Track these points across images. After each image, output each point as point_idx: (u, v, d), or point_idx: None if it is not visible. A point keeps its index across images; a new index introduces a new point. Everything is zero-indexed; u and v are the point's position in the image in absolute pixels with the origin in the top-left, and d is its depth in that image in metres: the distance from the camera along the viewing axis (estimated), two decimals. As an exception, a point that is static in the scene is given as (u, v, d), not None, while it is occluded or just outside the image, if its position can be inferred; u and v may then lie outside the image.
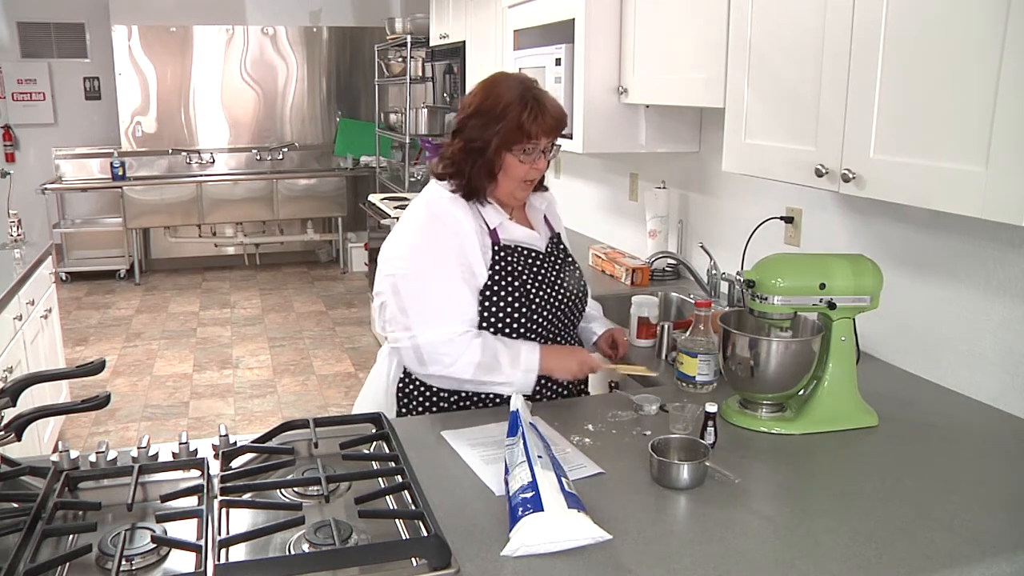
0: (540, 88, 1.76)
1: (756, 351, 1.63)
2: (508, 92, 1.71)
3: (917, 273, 1.98)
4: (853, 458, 1.55)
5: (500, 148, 1.71)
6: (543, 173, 1.82)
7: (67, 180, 7.00)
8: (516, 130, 1.69)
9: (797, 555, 1.20)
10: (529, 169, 1.74)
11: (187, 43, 7.12)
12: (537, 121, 1.69)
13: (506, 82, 1.75)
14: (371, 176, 7.21)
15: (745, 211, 2.61)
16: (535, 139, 1.71)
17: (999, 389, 1.78)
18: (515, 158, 1.72)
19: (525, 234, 1.83)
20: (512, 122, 1.69)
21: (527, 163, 1.73)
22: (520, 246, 1.81)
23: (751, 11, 1.95)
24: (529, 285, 1.78)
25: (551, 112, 1.72)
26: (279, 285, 6.93)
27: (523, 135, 1.70)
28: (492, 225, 1.77)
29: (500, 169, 1.74)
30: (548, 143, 1.75)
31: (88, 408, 1.38)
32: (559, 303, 1.84)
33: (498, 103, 1.71)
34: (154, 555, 1.17)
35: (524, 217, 1.89)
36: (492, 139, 1.70)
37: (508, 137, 1.70)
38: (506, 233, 1.79)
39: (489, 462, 1.48)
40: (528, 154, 1.73)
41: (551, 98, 1.75)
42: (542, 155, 1.75)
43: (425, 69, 6.02)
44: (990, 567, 1.19)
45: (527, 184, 1.78)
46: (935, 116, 1.47)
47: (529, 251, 1.82)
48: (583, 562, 1.17)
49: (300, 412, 4.27)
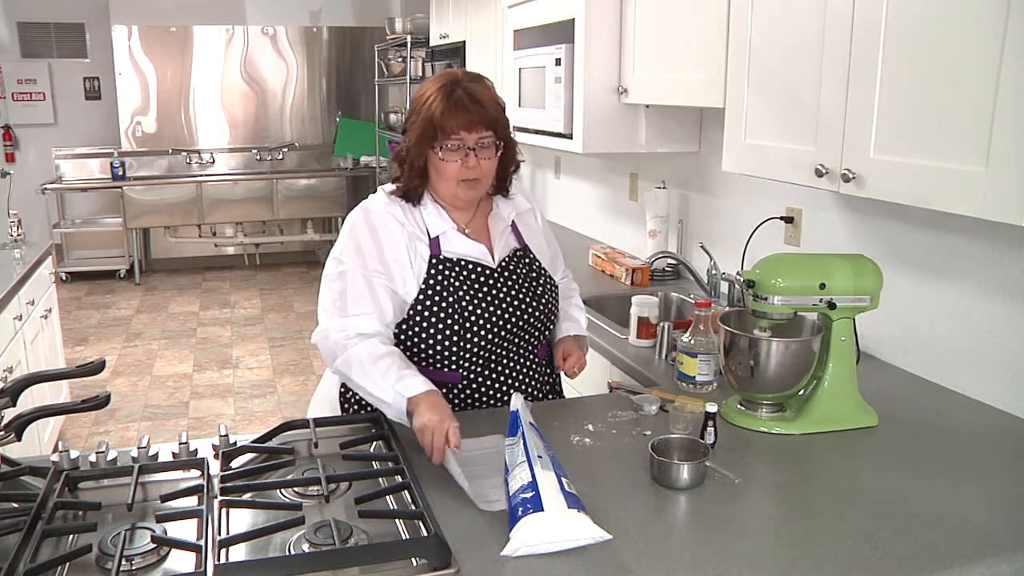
0: (474, 81, 1.66)
1: (756, 351, 1.63)
2: (430, 87, 1.65)
3: (917, 273, 1.98)
4: (853, 458, 1.55)
5: (419, 145, 1.64)
6: (483, 173, 1.66)
7: (67, 180, 7.00)
8: (429, 125, 1.61)
9: (797, 555, 1.20)
10: (460, 168, 1.63)
11: (187, 43, 7.12)
12: (447, 115, 1.59)
13: (438, 76, 1.68)
14: (371, 176, 7.20)
15: (745, 211, 2.61)
16: (452, 134, 1.61)
17: (999, 389, 1.78)
18: (436, 156, 1.64)
19: (471, 248, 1.71)
20: (425, 118, 1.62)
21: (452, 161, 1.63)
22: (464, 259, 1.70)
23: (751, 11, 1.95)
24: (465, 303, 1.66)
25: (466, 105, 1.60)
26: (279, 285, 6.94)
27: (437, 130, 1.61)
28: (434, 233, 1.68)
29: (430, 167, 1.66)
30: (478, 139, 1.63)
31: (88, 408, 1.38)
32: (503, 326, 1.69)
33: (419, 99, 1.65)
34: (154, 555, 1.17)
35: (484, 226, 1.76)
36: (413, 136, 1.65)
37: (424, 133, 1.62)
38: (448, 244, 1.69)
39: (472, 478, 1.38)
40: (452, 151, 1.62)
41: (479, 90, 1.64)
42: (471, 152, 1.63)
43: (425, 69, 6.01)
44: (990, 567, 1.19)
45: (468, 184, 1.66)
46: (935, 116, 1.47)
47: (474, 266, 1.70)
48: (583, 562, 1.17)
49: (300, 412, 4.26)
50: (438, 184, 1.68)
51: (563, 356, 1.83)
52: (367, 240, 1.66)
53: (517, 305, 1.72)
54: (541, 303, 1.76)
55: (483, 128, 1.63)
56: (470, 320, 1.66)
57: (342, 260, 1.66)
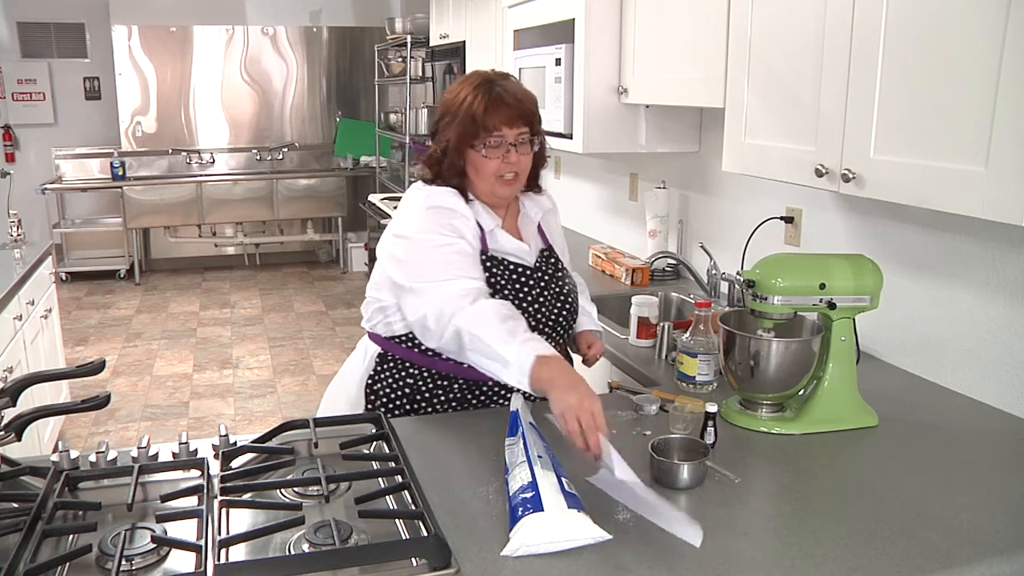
0: (505, 79, 1.69)
1: (756, 351, 1.63)
2: (465, 86, 1.67)
3: (917, 273, 1.98)
4: (853, 458, 1.55)
5: (460, 144, 1.66)
6: (521, 168, 1.71)
7: (67, 180, 7.00)
8: (470, 123, 1.64)
9: (797, 555, 1.20)
10: (500, 164, 1.67)
11: (187, 43, 7.12)
12: (489, 112, 1.63)
13: (469, 76, 1.70)
14: (371, 176, 7.21)
15: (745, 211, 2.61)
16: (495, 131, 1.64)
17: (999, 389, 1.78)
18: (478, 153, 1.66)
19: (515, 247, 1.75)
20: (466, 116, 1.64)
21: (494, 157, 1.66)
22: (507, 259, 1.73)
23: (751, 11, 1.95)
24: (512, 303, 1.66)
25: (508, 101, 1.64)
26: (279, 285, 6.94)
27: (479, 128, 1.64)
28: (485, 229, 1.71)
29: (469, 166, 1.68)
30: (517, 135, 1.67)
31: (88, 408, 1.38)
32: (535, 326, 1.72)
33: (456, 98, 1.67)
34: (154, 555, 1.17)
35: (515, 226, 1.80)
36: (452, 136, 1.66)
37: (465, 131, 1.65)
38: (495, 242, 1.72)
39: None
40: (493, 148, 1.65)
41: (515, 87, 1.68)
42: (512, 148, 1.67)
43: (425, 69, 6.02)
44: (990, 567, 1.19)
45: (507, 181, 1.69)
46: (935, 116, 1.47)
47: (516, 266, 1.74)
48: (583, 562, 1.17)
49: (300, 412, 4.27)
50: (476, 182, 1.70)
51: (587, 345, 1.90)
52: (454, 221, 1.65)
53: (552, 304, 1.77)
54: (569, 301, 1.81)
55: (522, 123, 1.67)
56: None
57: (439, 233, 1.62)
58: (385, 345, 1.78)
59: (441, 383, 1.76)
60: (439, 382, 1.76)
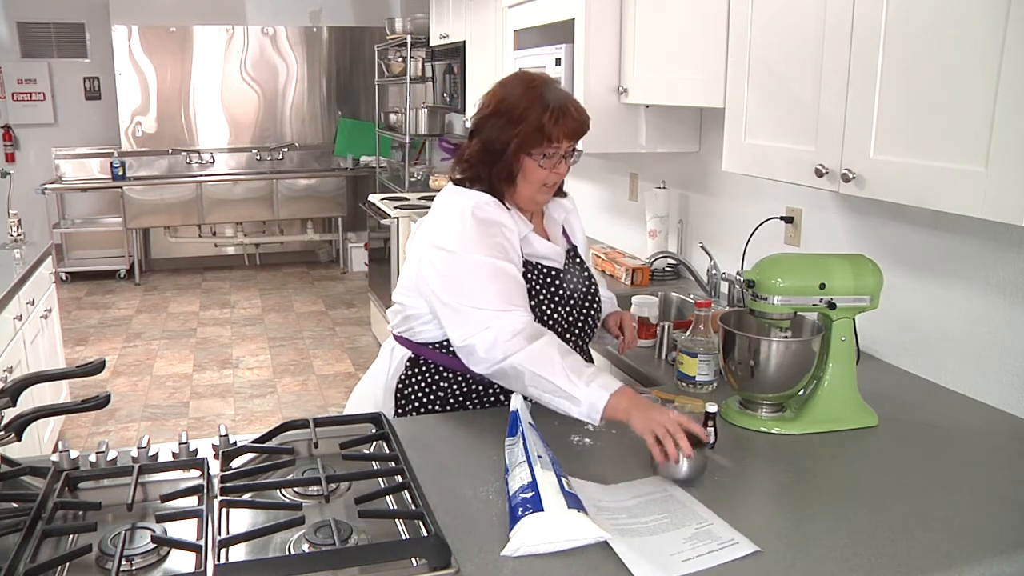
0: (561, 89, 1.70)
1: (756, 351, 1.63)
2: (530, 93, 1.65)
3: (917, 273, 1.98)
4: (853, 458, 1.55)
5: (519, 151, 1.64)
6: (561, 177, 1.73)
7: (67, 180, 7.00)
8: (536, 133, 1.62)
9: (797, 555, 1.20)
10: (549, 173, 1.67)
11: (187, 43, 7.12)
12: (559, 124, 1.62)
13: (528, 82, 1.69)
14: (371, 176, 7.20)
15: (745, 211, 2.61)
16: (556, 143, 1.64)
17: (999, 389, 1.78)
18: (534, 162, 1.65)
19: (548, 249, 1.75)
20: (532, 125, 1.62)
21: (547, 167, 1.67)
22: (540, 263, 1.74)
23: (751, 11, 1.95)
24: (544, 307, 1.71)
25: (573, 115, 1.65)
26: (279, 285, 6.93)
27: (543, 138, 1.63)
28: (520, 235, 1.70)
29: (519, 172, 1.67)
30: (569, 147, 1.68)
31: (88, 408, 1.38)
32: (568, 325, 1.76)
33: (519, 104, 1.64)
34: (154, 555, 1.17)
35: (542, 228, 1.80)
36: (511, 141, 1.63)
37: (528, 140, 1.63)
38: (528, 247, 1.72)
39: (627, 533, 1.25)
40: (548, 158, 1.66)
41: (574, 100, 1.69)
42: (563, 160, 1.68)
43: (425, 69, 6.02)
44: (990, 567, 1.19)
45: (547, 188, 1.71)
46: (935, 116, 1.47)
47: (549, 269, 1.75)
48: (583, 562, 1.17)
49: (300, 412, 4.27)
50: (521, 187, 1.69)
51: (617, 326, 1.92)
52: (502, 239, 1.64)
53: (581, 304, 1.79)
54: (595, 301, 1.84)
55: (580, 136, 1.68)
56: (547, 325, 1.69)
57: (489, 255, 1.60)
58: (416, 349, 1.78)
59: (476, 388, 1.76)
60: (474, 386, 1.76)
